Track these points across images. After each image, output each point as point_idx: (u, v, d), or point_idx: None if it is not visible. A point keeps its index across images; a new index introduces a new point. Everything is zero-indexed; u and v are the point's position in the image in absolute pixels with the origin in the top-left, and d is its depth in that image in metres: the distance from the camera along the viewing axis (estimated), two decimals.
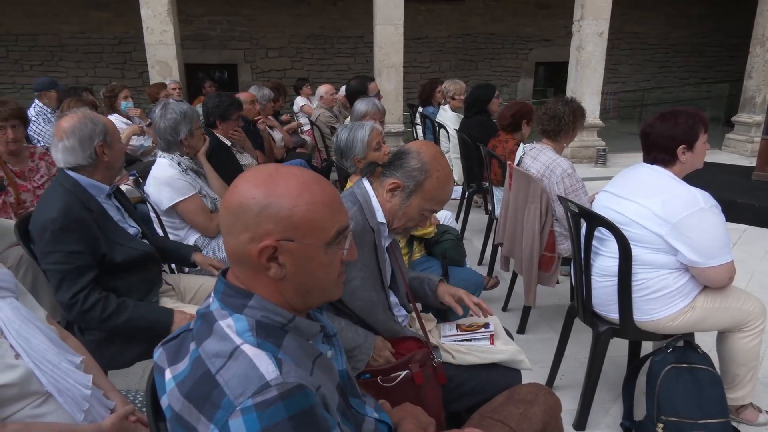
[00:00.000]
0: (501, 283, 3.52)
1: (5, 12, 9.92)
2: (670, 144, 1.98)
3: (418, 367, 1.46)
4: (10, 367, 1.17)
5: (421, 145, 1.61)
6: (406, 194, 1.57)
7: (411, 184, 1.56)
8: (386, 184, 1.59)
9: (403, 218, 1.60)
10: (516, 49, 12.11)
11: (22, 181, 3.01)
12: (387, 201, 1.60)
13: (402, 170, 1.56)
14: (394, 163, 1.60)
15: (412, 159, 1.56)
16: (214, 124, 3.57)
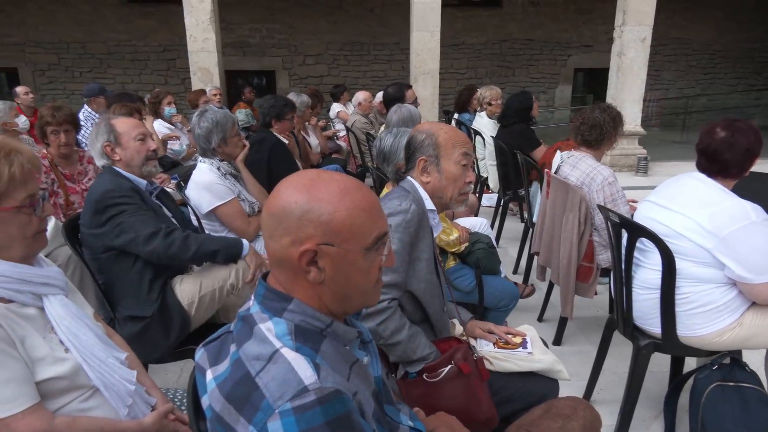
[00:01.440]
0: (537, 293, 3.45)
1: (58, 21, 10.39)
2: (746, 157, 1.91)
3: (462, 360, 1.47)
4: (60, 360, 1.22)
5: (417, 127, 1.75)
6: (436, 162, 1.66)
7: (431, 152, 1.66)
8: (417, 170, 1.69)
9: (450, 184, 1.69)
10: (554, 55, 11.93)
11: (71, 184, 3.14)
12: (427, 183, 1.68)
13: (418, 151, 1.68)
14: (409, 156, 1.73)
15: (416, 138, 1.68)
16: (270, 123, 3.69)
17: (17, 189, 1.17)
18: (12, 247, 1.20)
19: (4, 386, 1.11)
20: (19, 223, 1.20)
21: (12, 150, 1.18)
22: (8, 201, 1.17)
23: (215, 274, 2.10)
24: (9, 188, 1.16)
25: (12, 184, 1.16)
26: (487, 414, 1.44)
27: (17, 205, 1.18)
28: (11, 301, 1.20)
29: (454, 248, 2.52)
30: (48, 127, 3.04)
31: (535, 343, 1.71)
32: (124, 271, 2.01)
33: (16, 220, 1.19)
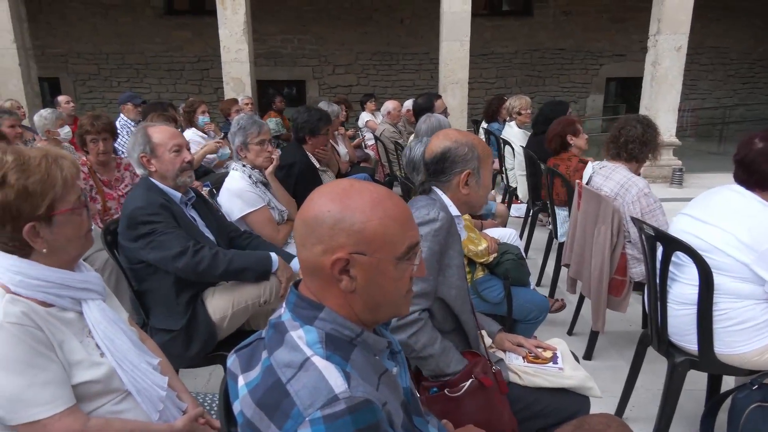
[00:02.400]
0: (567, 306, 3.39)
1: (99, 32, 10.77)
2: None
3: (482, 374, 1.46)
4: (96, 364, 1.25)
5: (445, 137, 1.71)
6: (476, 173, 1.68)
7: (475, 164, 1.67)
8: (456, 183, 1.67)
9: (483, 191, 1.73)
10: (586, 64, 11.77)
11: (109, 190, 3.24)
12: (464, 194, 1.69)
13: (460, 163, 1.66)
14: (444, 168, 1.68)
15: (457, 150, 1.66)
16: (303, 140, 3.52)
17: (69, 192, 1.22)
18: (69, 248, 1.25)
19: (43, 388, 1.15)
20: (74, 224, 1.25)
21: (58, 155, 1.24)
22: (64, 204, 1.21)
23: (248, 290, 2.12)
24: (63, 192, 1.21)
25: (65, 188, 1.21)
26: (509, 427, 1.42)
27: (71, 207, 1.23)
28: (52, 306, 1.23)
29: (482, 258, 2.50)
30: (87, 135, 3.14)
31: (566, 359, 1.68)
32: (157, 283, 2.06)
33: (72, 221, 1.24)
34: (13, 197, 1.14)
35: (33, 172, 1.17)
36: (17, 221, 1.16)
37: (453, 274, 1.61)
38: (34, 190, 1.16)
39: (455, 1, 7.04)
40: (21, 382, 1.13)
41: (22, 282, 1.19)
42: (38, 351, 1.15)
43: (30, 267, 1.21)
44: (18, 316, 1.15)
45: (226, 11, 6.98)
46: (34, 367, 1.14)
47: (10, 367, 1.12)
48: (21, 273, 1.20)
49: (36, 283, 1.21)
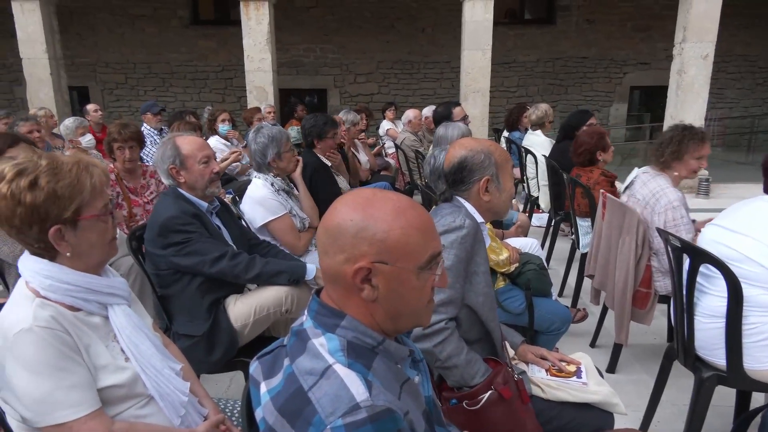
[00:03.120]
0: (590, 318, 3.34)
1: (126, 43, 11.04)
2: None
3: (502, 385, 1.44)
4: (120, 368, 1.27)
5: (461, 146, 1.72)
6: (496, 180, 1.67)
7: (493, 170, 1.67)
8: (476, 191, 1.67)
9: (507, 198, 1.73)
10: (609, 72, 11.64)
11: (134, 197, 3.30)
12: (486, 201, 1.69)
13: (478, 171, 1.67)
14: (463, 177, 1.69)
15: (474, 158, 1.66)
16: (312, 144, 3.68)
17: (97, 198, 1.25)
18: (92, 254, 1.27)
19: (70, 391, 1.17)
20: (99, 230, 1.27)
21: (89, 163, 1.27)
22: (90, 210, 1.24)
23: (271, 299, 2.14)
24: (90, 198, 1.23)
25: (93, 194, 1.24)
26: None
27: (97, 214, 1.25)
28: (79, 310, 1.26)
29: (503, 268, 2.48)
30: (114, 143, 3.22)
31: (590, 373, 1.65)
32: (181, 290, 2.09)
33: (97, 227, 1.26)
34: (42, 199, 1.17)
35: (63, 177, 1.20)
36: (44, 223, 1.19)
37: (480, 281, 1.60)
38: (63, 194, 1.19)
39: (477, 10, 7.04)
40: (49, 384, 1.15)
41: (51, 286, 1.22)
42: (66, 354, 1.17)
43: (59, 271, 1.24)
44: (47, 320, 1.17)
45: (250, 21, 7.09)
46: (61, 370, 1.16)
47: (39, 370, 1.14)
48: (51, 277, 1.22)
49: (65, 287, 1.23)
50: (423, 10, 11.06)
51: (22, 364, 1.14)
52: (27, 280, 1.24)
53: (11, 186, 1.16)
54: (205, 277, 2.07)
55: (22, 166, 1.19)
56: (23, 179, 1.17)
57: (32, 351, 1.14)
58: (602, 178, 3.55)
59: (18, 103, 10.53)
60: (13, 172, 1.18)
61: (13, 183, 1.17)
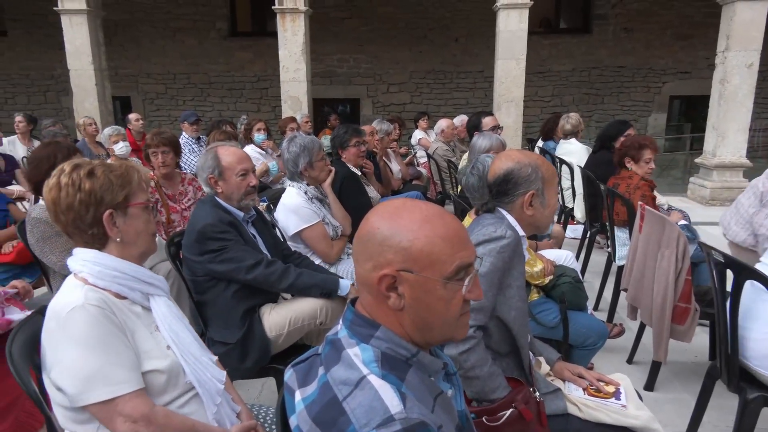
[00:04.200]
0: (627, 333, 3.24)
1: (167, 54, 11.40)
2: None
3: (523, 404, 1.41)
4: (163, 355, 1.33)
5: (507, 158, 1.68)
6: (541, 194, 1.65)
7: (539, 185, 1.65)
8: (519, 204, 1.65)
9: (548, 211, 1.69)
10: (648, 82, 11.37)
11: (172, 203, 3.39)
12: (528, 216, 1.66)
13: (524, 184, 1.64)
14: (508, 189, 1.66)
15: (520, 171, 1.64)
16: (338, 154, 3.76)
17: (142, 191, 1.39)
18: (137, 242, 1.38)
19: (117, 368, 1.22)
20: (144, 219, 1.39)
21: (131, 165, 1.41)
22: (137, 199, 1.37)
23: (306, 311, 2.17)
24: (137, 189, 1.37)
25: (139, 187, 1.38)
26: None
27: (143, 202, 1.38)
28: (125, 298, 1.34)
29: (538, 281, 2.44)
30: (149, 149, 3.33)
31: (629, 396, 1.59)
32: (217, 296, 2.14)
33: (143, 216, 1.38)
34: (99, 186, 1.32)
35: (115, 169, 1.37)
36: (99, 207, 1.32)
37: (513, 295, 1.58)
38: (116, 182, 1.34)
39: (512, 19, 7.00)
40: (98, 360, 1.20)
41: (100, 273, 1.31)
42: (114, 333, 1.24)
43: (107, 258, 1.33)
44: (97, 300, 1.25)
45: (286, 33, 7.23)
46: (109, 346, 1.22)
47: (89, 344, 1.20)
48: (100, 264, 1.31)
49: (112, 273, 1.32)
50: (457, 20, 11.06)
51: (74, 339, 1.21)
52: (75, 271, 1.33)
53: (72, 176, 1.32)
54: (240, 284, 2.11)
55: (77, 162, 1.35)
56: (82, 170, 1.33)
57: (83, 326, 1.21)
58: (642, 183, 3.45)
59: (65, 113, 10.97)
60: (71, 166, 1.34)
61: (74, 173, 1.32)
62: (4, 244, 2.94)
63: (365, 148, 3.86)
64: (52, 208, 1.33)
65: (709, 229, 5.01)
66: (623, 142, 3.65)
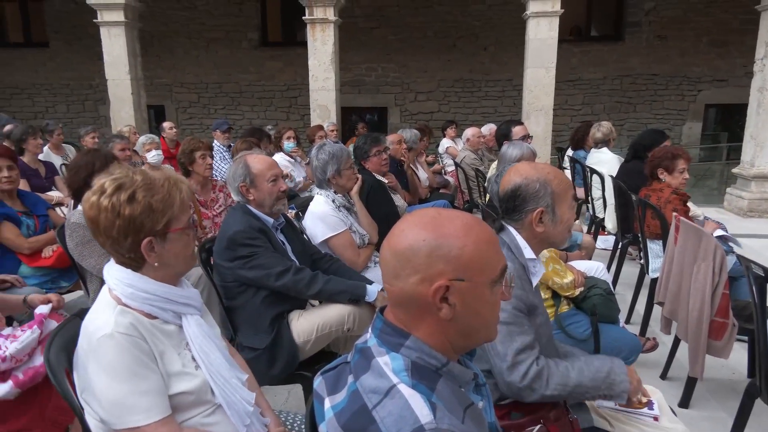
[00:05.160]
0: (660, 347, 3.15)
1: (200, 64, 11.68)
2: None
3: (552, 422, 1.38)
4: (191, 376, 1.32)
5: (516, 173, 1.61)
6: (551, 211, 1.57)
7: (548, 201, 1.56)
8: (528, 221, 1.58)
9: (561, 228, 1.60)
10: (682, 90, 11.12)
11: (205, 210, 3.46)
12: (539, 233, 1.58)
13: (532, 201, 1.56)
14: (516, 206, 1.59)
15: (528, 187, 1.57)
16: (362, 165, 3.75)
17: (184, 213, 1.33)
18: (175, 264, 1.35)
19: (143, 396, 1.22)
20: (183, 242, 1.34)
21: (177, 179, 1.36)
22: (178, 223, 1.32)
23: (334, 317, 2.18)
24: (179, 212, 1.32)
25: (181, 209, 1.32)
26: None
27: (183, 227, 1.33)
28: (156, 318, 1.33)
29: (568, 292, 2.40)
30: (196, 151, 3.42)
31: (663, 410, 1.55)
32: (246, 302, 2.17)
33: (182, 240, 1.34)
34: (139, 212, 1.26)
35: (157, 192, 1.29)
36: (138, 234, 1.27)
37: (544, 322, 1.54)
38: (157, 208, 1.27)
39: (542, 27, 6.95)
40: (124, 388, 1.21)
41: (132, 294, 1.30)
42: (142, 361, 1.24)
43: (140, 280, 1.31)
44: (127, 326, 1.24)
45: (316, 42, 7.33)
46: (136, 375, 1.22)
47: (116, 374, 1.21)
48: (132, 285, 1.30)
49: (144, 295, 1.30)
50: (486, 28, 11.04)
51: (102, 367, 1.21)
52: (110, 287, 1.33)
53: (112, 199, 1.26)
54: (269, 290, 2.14)
55: (120, 181, 1.28)
56: (123, 193, 1.26)
57: (112, 355, 1.21)
58: (674, 197, 3.37)
59: (102, 121, 11.33)
60: (113, 186, 1.27)
61: (114, 197, 1.26)
62: (45, 248, 3.04)
63: (387, 156, 3.85)
64: (90, 225, 1.30)
65: (747, 242, 4.84)
66: (654, 152, 3.56)
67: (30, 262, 2.99)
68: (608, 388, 1.41)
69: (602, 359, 1.45)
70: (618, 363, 1.45)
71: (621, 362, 1.46)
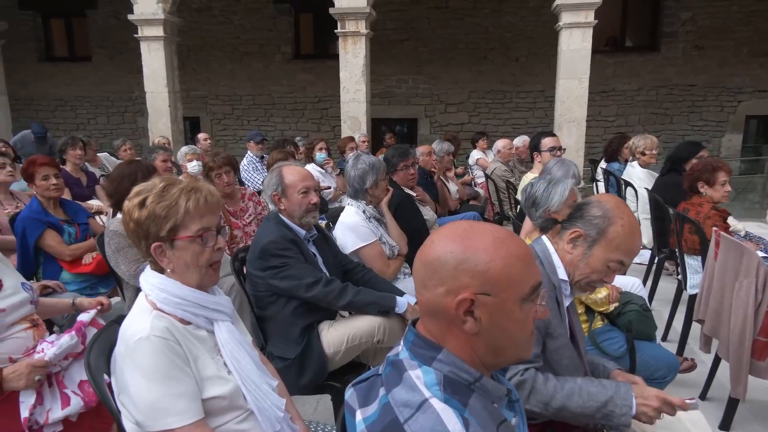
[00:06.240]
0: (700, 366, 3.04)
1: (235, 77, 11.95)
2: None
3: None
4: (224, 380, 1.35)
5: (603, 196, 1.56)
6: (588, 243, 1.50)
7: (593, 232, 1.49)
8: (566, 236, 1.54)
9: (586, 269, 1.51)
10: (721, 101, 10.80)
11: (235, 219, 3.52)
12: (568, 253, 1.53)
13: (583, 220, 1.51)
14: (573, 215, 1.55)
15: (593, 208, 1.51)
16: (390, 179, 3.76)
17: (192, 222, 1.34)
18: (186, 273, 1.37)
19: (177, 399, 1.25)
20: (193, 252, 1.35)
21: (193, 188, 1.37)
22: (185, 231, 1.34)
23: (364, 329, 2.18)
24: (185, 220, 1.33)
25: (187, 217, 1.33)
26: None
27: (191, 236, 1.34)
28: (189, 323, 1.36)
29: (602, 307, 2.35)
30: (212, 171, 3.48)
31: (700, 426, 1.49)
32: (277, 312, 2.19)
33: (190, 249, 1.35)
34: (144, 217, 1.32)
35: (165, 199, 1.33)
36: (148, 239, 1.33)
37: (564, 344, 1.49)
38: (160, 214, 1.32)
39: (575, 38, 6.88)
40: (159, 391, 1.24)
41: (165, 299, 1.34)
42: (176, 364, 1.27)
43: (173, 286, 1.35)
44: (162, 330, 1.28)
45: (347, 55, 7.43)
46: (171, 378, 1.25)
47: (152, 376, 1.24)
48: (165, 290, 1.34)
49: (177, 300, 1.34)
50: (518, 39, 10.98)
51: (138, 369, 1.25)
52: (146, 293, 1.37)
53: (128, 204, 1.35)
54: (300, 300, 2.15)
55: (142, 187, 1.36)
56: (137, 198, 1.33)
57: (147, 358, 1.24)
58: (713, 213, 3.27)
59: (140, 132, 11.69)
60: (135, 191, 1.35)
61: (131, 201, 1.34)
62: (85, 255, 3.14)
63: (415, 170, 3.83)
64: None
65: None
66: (694, 165, 3.47)
67: (71, 269, 3.09)
68: (604, 418, 1.34)
69: (604, 385, 1.38)
70: (623, 391, 1.36)
71: (628, 390, 1.37)
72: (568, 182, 2.29)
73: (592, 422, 1.38)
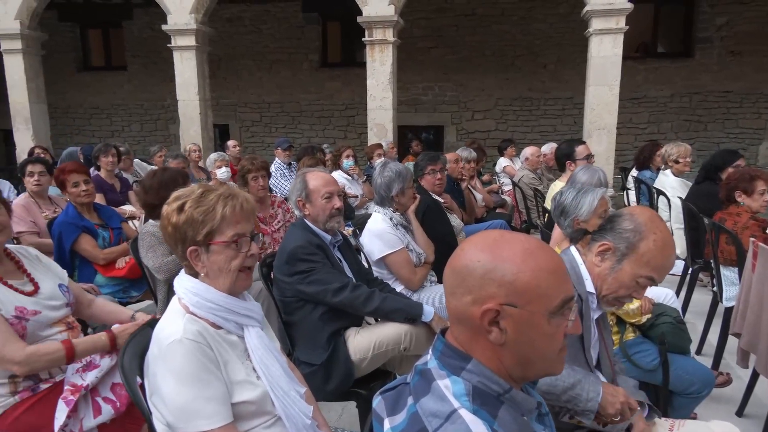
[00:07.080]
0: (737, 381, 2.94)
1: (263, 85, 12.15)
2: None
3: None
4: (253, 385, 1.37)
5: (636, 208, 1.52)
6: (618, 257, 1.46)
7: (623, 246, 1.45)
8: (595, 248, 1.51)
9: (613, 284, 1.48)
10: (759, 108, 10.47)
11: (264, 225, 3.56)
12: (596, 265, 1.50)
13: (613, 232, 1.48)
14: (604, 227, 1.52)
15: (624, 221, 1.47)
16: (418, 181, 3.79)
17: (228, 227, 1.38)
18: (219, 277, 1.40)
19: (207, 402, 1.26)
20: (226, 257, 1.38)
21: (231, 195, 1.42)
22: (220, 236, 1.38)
23: (391, 336, 2.18)
24: (221, 226, 1.37)
25: (224, 222, 1.37)
26: None
27: (226, 241, 1.38)
28: (220, 328, 1.39)
29: (633, 319, 2.29)
30: (249, 173, 3.53)
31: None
32: (304, 317, 2.21)
33: (224, 253, 1.38)
34: (182, 222, 1.36)
35: (202, 204, 1.37)
36: (185, 243, 1.37)
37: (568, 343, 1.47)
38: (197, 219, 1.36)
39: (605, 45, 6.78)
40: (190, 393, 1.26)
41: (198, 303, 1.36)
42: (207, 367, 1.29)
43: (205, 290, 1.38)
44: (195, 333, 1.31)
45: (374, 63, 7.47)
46: (202, 381, 1.27)
47: (184, 378, 1.26)
48: (198, 294, 1.37)
49: (208, 305, 1.37)
50: (546, 46, 10.88)
51: (170, 371, 1.27)
52: (180, 296, 1.40)
53: (167, 208, 1.39)
54: (327, 306, 2.16)
55: (180, 193, 1.41)
56: (175, 203, 1.37)
57: (180, 360, 1.27)
58: (752, 223, 3.16)
59: (172, 139, 11.96)
60: (174, 196, 1.40)
61: (169, 206, 1.38)
62: (118, 259, 3.22)
63: (442, 176, 3.82)
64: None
65: None
66: (730, 174, 3.37)
67: (105, 272, 3.18)
68: (570, 401, 1.32)
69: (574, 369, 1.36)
70: (592, 379, 1.35)
71: (596, 380, 1.36)
72: (597, 191, 2.25)
73: (558, 404, 1.35)
